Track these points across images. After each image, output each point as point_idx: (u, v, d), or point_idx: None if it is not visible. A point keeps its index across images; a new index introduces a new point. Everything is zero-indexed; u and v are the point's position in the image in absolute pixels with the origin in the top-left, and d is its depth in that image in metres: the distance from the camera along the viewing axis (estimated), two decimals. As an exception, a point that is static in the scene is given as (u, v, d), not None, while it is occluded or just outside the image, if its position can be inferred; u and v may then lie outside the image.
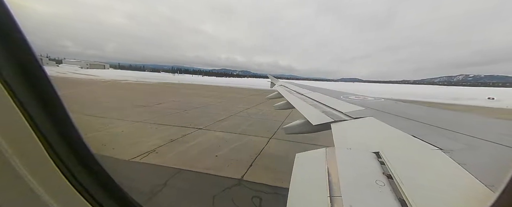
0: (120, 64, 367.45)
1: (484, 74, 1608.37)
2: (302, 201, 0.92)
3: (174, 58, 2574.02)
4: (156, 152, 6.17)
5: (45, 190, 0.59)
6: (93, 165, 0.75)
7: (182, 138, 7.60)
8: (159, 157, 5.84)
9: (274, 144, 7.47)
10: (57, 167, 0.64)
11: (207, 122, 10.13)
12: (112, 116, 10.28)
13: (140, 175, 4.92)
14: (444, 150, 1.21)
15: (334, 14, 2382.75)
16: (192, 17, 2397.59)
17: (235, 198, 4.13)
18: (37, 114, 0.60)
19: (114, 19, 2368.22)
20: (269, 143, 7.54)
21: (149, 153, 6.05)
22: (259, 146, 7.20)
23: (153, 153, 6.08)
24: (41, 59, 0.65)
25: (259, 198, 4.14)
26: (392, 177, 0.97)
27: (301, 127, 2.85)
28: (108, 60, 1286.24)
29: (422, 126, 1.78)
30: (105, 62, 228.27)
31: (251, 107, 16.41)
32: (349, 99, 3.52)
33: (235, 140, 7.72)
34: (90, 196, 0.72)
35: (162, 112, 12.24)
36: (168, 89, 28.94)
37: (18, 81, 0.56)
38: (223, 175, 4.96)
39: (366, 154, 1.27)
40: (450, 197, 0.84)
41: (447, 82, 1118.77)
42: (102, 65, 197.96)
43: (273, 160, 6.14)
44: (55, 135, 0.65)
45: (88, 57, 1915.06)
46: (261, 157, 6.23)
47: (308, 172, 1.17)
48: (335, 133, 1.81)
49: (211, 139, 7.61)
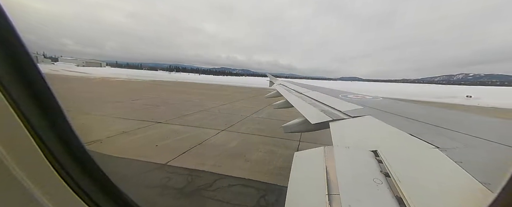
0: (117, 62, 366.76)
1: (484, 73, 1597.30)
2: (300, 199, 0.92)
3: (174, 57, 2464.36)
4: (101, 141, 6.36)
5: (40, 190, 0.59)
6: (89, 165, 0.75)
7: (135, 130, 7.76)
8: (101, 145, 6.08)
9: (222, 135, 7.81)
10: (53, 166, 0.63)
11: (171, 117, 10.41)
12: (81, 109, 10.34)
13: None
14: (441, 148, 1.22)
15: (334, 13, 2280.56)
16: (193, 16, 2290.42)
17: (147, 179, 4.39)
18: (32, 113, 0.59)
19: (114, 17, 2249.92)
20: (218, 135, 7.82)
21: (94, 142, 6.24)
22: (205, 137, 7.44)
23: (98, 142, 6.28)
24: (37, 57, 0.64)
25: (168, 178, 4.38)
26: (389, 175, 0.98)
27: (300, 125, 2.86)
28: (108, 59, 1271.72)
29: (419, 125, 1.79)
30: (102, 60, 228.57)
31: (227, 103, 16.67)
32: (347, 98, 3.53)
33: (185, 132, 8.02)
34: (86, 196, 0.71)
35: (132, 107, 12.48)
36: (154, 87, 29.23)
37: (12, 81, 0.56)
38: (150, 161, 5.11)
39: (364, 152, 1.28)
40: (447, 195, 0.85)
41: (446, 81, 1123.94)
42: (99, 63, 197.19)
43: (210, 148, 6.38)
44: (50, 134, 0.64)
45: (88, 56, 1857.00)
46: (200, 146, 6.46)
47: (306, 171, 1.17)
48: (334, 132, 1.81)
49: (162, 132, 7.86)
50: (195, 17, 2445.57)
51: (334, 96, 3.79)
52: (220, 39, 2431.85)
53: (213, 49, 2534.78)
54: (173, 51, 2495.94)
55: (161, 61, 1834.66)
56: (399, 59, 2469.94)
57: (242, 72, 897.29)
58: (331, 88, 5.43)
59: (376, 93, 4.67)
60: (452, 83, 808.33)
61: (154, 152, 5.77)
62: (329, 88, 5.45)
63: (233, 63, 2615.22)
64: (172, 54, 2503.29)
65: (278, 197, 4.00)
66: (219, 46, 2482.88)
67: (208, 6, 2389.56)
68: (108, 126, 7.97)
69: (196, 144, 6.63)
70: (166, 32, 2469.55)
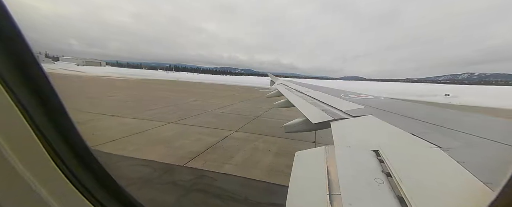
0: (118, 62, 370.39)
1: (490, 73, 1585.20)
2: (301, 198, 0.93)
3: (176, 56, 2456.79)
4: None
5: (44, 188, 0.59)
6: (92, 163, 0.76)
7: (87, 121, 8.23)
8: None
9: (166, 127, 8.45)
10: (56, 165, 0.64)
11: (132, 111, 10.88)
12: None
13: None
14: (443, 148, 1.21)
15: (337, 12, 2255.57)
16: (195, 15, 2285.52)
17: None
18: (36, 112, 0.60)
19: (118, 18, 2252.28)
20: (163, 126, 8.46)
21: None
22: (147, 128, 8.02)
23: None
24: (38, 57, 0.65)
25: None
26: (391, 175, 0.98)
27: (301, 125, 2.86)
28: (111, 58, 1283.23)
29: (421, 124, 1.78)
30: (104, 60, 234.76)
31: (202, 100, 17.36)
32: (349, 98, 3.52)
33: (132, 124, 8.55)
34: (89, 194, 0.72)
35: (101, 103, 12.94)
36: (142, 85, 29.93)
37: (16, 80, 0.56)
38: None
39: (365, 152, 1.27)
40: (448, 195, 0.84)
41: (450, 81, 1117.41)
42: (98, 62, 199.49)
43: (144, 137, 7.06)
44: (54, 133, 0.64)
45: (93, 55, 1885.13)
46: (136, 135, 7.10)
47: (307, 170, 1.17)
48: (335, 131, 1.81)
49: (111, 123, 8.28)
50: (198, 17, 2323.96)
51: (335, 96, 3.78)
52: (222, 39, 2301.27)
53: (216, 49, 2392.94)
54: (175, 51, 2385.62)
55: (164, 61, 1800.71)
56: (403, 59, 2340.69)
57: (243, 72, 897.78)
58: (332, 88, 5.42)
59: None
60: (457, 82, 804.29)
61: (86, 138, 6.25)
62: (330, 88, 5.44)
63: (235, 63, 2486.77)
64: (175, 54, 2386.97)
65: (162, 174, 4.66)
66: (221, 46, 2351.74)
67: (210, 6, 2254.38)
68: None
69: (133, 133, 7.23)
70: (169, 32, 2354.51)
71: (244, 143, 7.33)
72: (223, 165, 5.47)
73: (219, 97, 20.53)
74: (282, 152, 6.75)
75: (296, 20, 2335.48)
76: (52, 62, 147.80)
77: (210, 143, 6.96)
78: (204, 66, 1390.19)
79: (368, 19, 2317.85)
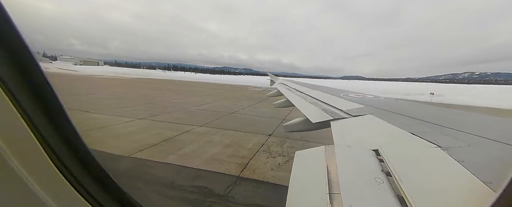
0: (116, 61, 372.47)
1: (491, 72, 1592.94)
2: (301, 198, 0.92)
3: (177, 56, 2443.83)
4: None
5: (43, 189, 0.59)
6: (91, 164, 0.75)
7: None
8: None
9: (127, 122, 8.94)
10: (55, 166, 0.64)
11: (106, 108, 11.30)
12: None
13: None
14: (443, 147, 1.21)
15: (337, 12, 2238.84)
16: (196, 15, 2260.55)
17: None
18: (35, 113, 0.59)
19: (119, 17, 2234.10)
20: (129, 123, 8.93)
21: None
22: (109, 123, 8.43)
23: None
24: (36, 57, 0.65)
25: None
26: (391, 174, 0.98)
27: (301, 124, 2.86)
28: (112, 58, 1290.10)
29: (421, 124, 1.78)
30: (103, 59, 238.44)
31: (185, 97, 18.01)
32: (348, 97, 3.52)
33: (98, 119, 8.95)
34: (88, 194, 0.72)
35: (80, 99, 13.33)
36: (131, 84, 30.66)
37: (15, 81, 0.56)
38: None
39: (365, 151, 1.27)
40: (448, 194, 0.84)
41: (450, 80, 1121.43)
42: (96, 62, 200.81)
43: (99, 131, 7.56)
44: (53, 134, 0.64)
45: (94, 55, 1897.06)
46: (95, 130, 7.59)
47: (307, 170, 1.17)
48: (335, 131, 1.81)
49: (76, 118, 8.92)
50: (199, 16, 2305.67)
51: (335, 95, 3.78)
52: (223, 39, 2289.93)
53: (216, 48, 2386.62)
54: (177, 50, 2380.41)
55: (165, 60, 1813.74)
56: (403, 58, 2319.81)
57: (243, 72, 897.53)
58: (332, 87, 5.42)
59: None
60: (456, 82, 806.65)
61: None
62: (330, 87, 5.44)
63: (235, 62, 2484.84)
64: (175, 53, 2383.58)
65: (101, 162, 5.38)
66: (222, 45, 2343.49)
67: (212, 5, 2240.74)
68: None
69: (95, 128, 7.69)
70: (170, 32, 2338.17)
71: (201, 136, 7.77)
72: (168, 156, 5.83)
73: (204, 95, 21.08)
74: (233, 144, 7.19)
75: (297, 20, 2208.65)
76: (50, 62, 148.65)
77: (167, 137, 7.34)
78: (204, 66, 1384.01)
79: (369, 18, 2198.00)
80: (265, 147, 7.12)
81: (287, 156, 6.41)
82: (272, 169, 5.46)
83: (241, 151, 6.60)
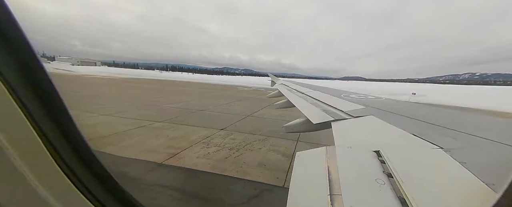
0: (114, 62, 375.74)
1: (491, 73, 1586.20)
2: (302, 199, 0.92)
3: (177, 57, 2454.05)
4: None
5: (45, 188, 0.60)
6: (93, 163, 0.76)
7: None
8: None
9: (89, 118, 9.33)
10: (58, 165, 0.64)
11: (78, 105, 11.65)
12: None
13: None
14: (445, 148, 1.21)
15: (338, 13, 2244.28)
16: (197, 16, 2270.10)
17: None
18: (37, 112, 0.60)
19: (121, 19, 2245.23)
20: (91, 118, 9.30)
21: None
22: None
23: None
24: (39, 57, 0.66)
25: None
26: (392, 175, 0.97)
27: (302, 125, 2.85)
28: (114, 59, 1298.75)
29: (423, 125, 1.78)
30: (104, 60, 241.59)
31: (165, 96, 18.34)
32: (349, 98, 3.52)
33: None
34: (90, 194, 0.72)
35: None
36: (119, 83, 31.41)
37: (18, 80, 0.56)
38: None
39: (367, 152, 1.27)
40: (450, 196, 0.84)
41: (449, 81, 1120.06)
42: (93, 62, 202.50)
43: None
44: (55, 133, 0.65)
45: (95, 56, 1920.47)
46: None
47: (308, 171, 1.17)
48: (336, 132, 1.80)
49: None
50: (200, 17, 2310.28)
51: (336, 96, 3.78)
52: (223, 39, 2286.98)
53: (217, 49, 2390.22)
54: (177, 51, 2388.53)
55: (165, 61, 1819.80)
56: (404, 59, 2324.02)
57: (243, 72, 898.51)
58: (333, 88, 5.41)
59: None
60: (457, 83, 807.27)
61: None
62: (331, 88, 5.44)
63: (236, 63, 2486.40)
64: (176, 54, 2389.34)
65: None
66: (222, 46, 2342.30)
67: (213, 6, 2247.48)
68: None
69: None
70: (171, 33, 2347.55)
71: (152, 131, 8.05)
72: (107, 146, 6.15)
73: (188, 94, 21.53)
74: (178, 137, 7.49)
75: (297, 20, 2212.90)
76: (48, 62, 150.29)
77: (119, 131, 7.63)
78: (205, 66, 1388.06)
79: (369, 19, 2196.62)
80: (208, 139, 7.49)
81: (221, 147, 6.79)
82: (197, 158, 5.86)
83: (182, 143, 6.95)
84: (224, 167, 5.40)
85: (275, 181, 4.85)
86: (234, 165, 5.54)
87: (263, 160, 5.96)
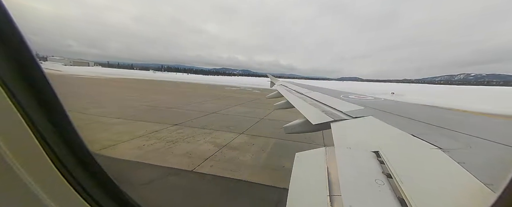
0: (109, 62, 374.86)
1: (486, 73, 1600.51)
2: (301, 200, 0.92)
3: (175, 57, 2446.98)
4: None
5: (43, 190, 0.59)
6: (91, 165, 0.75)
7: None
8: None
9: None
10: (56, 167, 0.63)
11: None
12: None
13: None
14: (444, 149, 1.21)
15: (335, 13, 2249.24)
16: (195, 17, 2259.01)
17: None
18: (35, 114, 0.59)
19: (118, 19, 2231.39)
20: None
21: None
22: None
23: None
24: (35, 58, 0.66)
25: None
26: (391, 176, 0.97)
27: (301, 126, 2.85)
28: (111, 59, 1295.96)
29: (421, 125, 1.78)
30: (96, 60, 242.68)
31: (142, 95, 18.42)
32: (348, 99, 3.53)
33: None
34: (89, 196, 0.71)
35: None
36: (103, 83, 31.27)
37: (16, 81, 0.56)
38: None
39: (366, 153, 1.27)
40: (449, 196, 0.84)
41: (444, 81, 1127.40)
42: (86, 63, 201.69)
43: None
44: (53, 134, 0.64)
45: (91, 57, 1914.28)
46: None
47: (307, 171, 1.17)
48: (335, 132, 1.80)
49: None
50: (198, 18, 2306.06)
51: (335, 97, 3.78)
52: (222, 40, 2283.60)
53: (215, 50, 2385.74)
54: (175, 52, 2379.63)
55: (163, 62, 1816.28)
56: (400, 59, 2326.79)
57: (241, 73, 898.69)
58: (332, 89, 5.43)
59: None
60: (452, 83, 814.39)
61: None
62: (330, 89, 5.45)
63: (234, 64, 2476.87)
64: (174, 55, 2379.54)
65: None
66: (221, 46, 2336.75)
67: (211, 6, 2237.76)
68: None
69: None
70: (169, 34, 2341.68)
71: (103, 125, 8.03)
72: None
73: (169, 93, 21.43)
74: (125, 131, 7.50)
75: (296, 21, 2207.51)
76: (40, 62, 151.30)
77: (81, 128, 7.91)
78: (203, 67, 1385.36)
79: (366, 20, 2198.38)
80: (155, 133, 7.43)
81: (161, 140, 6.80)
82: (131, 149, 5.90)
83: (125, 136, 6.95)
84: (150, 156, 5.46)
85: (187, 167, 4.98)
86: (162, 155, 5.62)
87: (192, 150, 6.04)
